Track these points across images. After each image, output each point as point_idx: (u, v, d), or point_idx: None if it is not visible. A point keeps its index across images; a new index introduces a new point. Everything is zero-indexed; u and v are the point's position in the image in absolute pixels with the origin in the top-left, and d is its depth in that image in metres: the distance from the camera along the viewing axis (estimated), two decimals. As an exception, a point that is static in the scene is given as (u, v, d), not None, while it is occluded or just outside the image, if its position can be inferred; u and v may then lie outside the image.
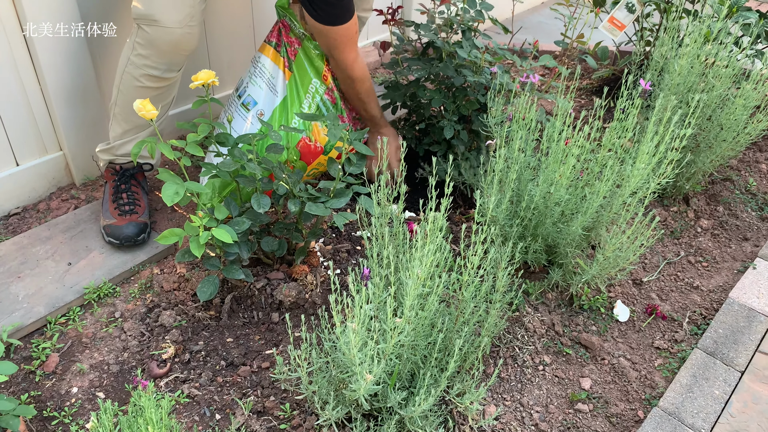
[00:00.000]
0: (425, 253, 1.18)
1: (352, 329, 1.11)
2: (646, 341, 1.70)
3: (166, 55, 1.69)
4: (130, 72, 1.72)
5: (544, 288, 1.80)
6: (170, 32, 1.64)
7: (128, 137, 1.85)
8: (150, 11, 1.61)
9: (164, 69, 1.72)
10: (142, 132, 1.85)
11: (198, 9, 1.67)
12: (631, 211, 1.60)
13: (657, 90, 2.16)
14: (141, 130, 1.85)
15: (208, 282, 1.58)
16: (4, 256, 1.77)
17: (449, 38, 2.08)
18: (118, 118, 1.83)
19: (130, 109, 1.77)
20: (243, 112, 1.93)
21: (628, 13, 2.35)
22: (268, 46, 1.95)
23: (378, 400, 1.33)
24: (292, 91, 1.93)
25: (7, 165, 1.94)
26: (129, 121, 1.82)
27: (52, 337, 1.58)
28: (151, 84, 1.74)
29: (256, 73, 1.95)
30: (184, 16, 1.64)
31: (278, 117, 1.92)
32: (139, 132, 1.85)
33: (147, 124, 1.84)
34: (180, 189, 1.45)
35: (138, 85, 1.73)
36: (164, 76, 1.74)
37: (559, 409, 1.50)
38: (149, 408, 0.98)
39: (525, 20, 4.04)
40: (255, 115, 1.91)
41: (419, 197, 2.13)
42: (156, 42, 1.66)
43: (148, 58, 1.69)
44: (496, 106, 1.85)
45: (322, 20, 1.75)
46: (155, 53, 1.68)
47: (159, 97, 1.79)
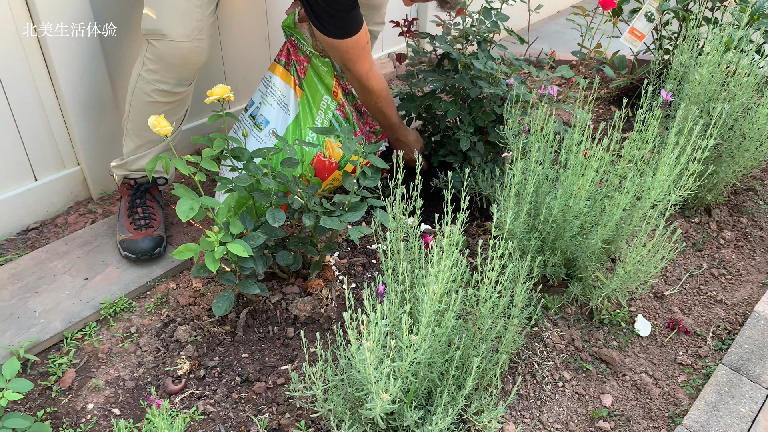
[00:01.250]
0: (441, 269, 1.16)
1: (368, 347, 1.09)
2: (669, 357, 1.66)
3: (176, 69, 1.70)
4: (141, 87, 1.73)
5: (563, 302, 1.77)
6: (178, 46, 1.65)
7: (141, 152, 1.86)
8: (157, 26, 1.62)
9: (174, 83, 1.73)
10: (156, 147, 1.86)
11: (206, 23, 1.68)
12: (651, 224, 1.57)
13: (677, 99, 2.12)
14: (154, 145, 1.86)
15: (223, 297, 1.58)
16: (23, 271, 1.78)
17: (465, 49, 2.06)
18: (131, 134, 1.84)
19: (142, 124, 1.78)
20: (256, 132, 1.93)
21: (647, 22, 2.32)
22: (278, 66, 1.96)
23: (394, 418, 1.31)
24: (304, 109, 1.93)
25: (26, 180, 1.95)
26: (141, 136, 1.83)
27: (69, 353, 1.58)
28: (162, 99, 1.75)
29: (267, 92, 1.95)
30: (191, 30, 1.64)
31: (291, 134, 1.92)
32: (152, 147, 1.86)
33: (160, 139, 1.84)
34: (195, 204, 1.44)
35: (149, 100, 1.74)
36: (175, 90, 1.74)
37: (580, 427, 1.47)
38: (163, 428, 0.97)
39: (541, 30, 4.02)
40: (268, 134, 1.92)
41: (434, 209, 2.12)
42: (165, 56, 1.66)
43: (158, 72, 1.70)
44: (513, 117, 1.83)
45: (330, 34, 1.75)
46: (165, 68, 1.69)
47: (171, 111, 1.80)
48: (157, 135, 1.81)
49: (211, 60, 2.32)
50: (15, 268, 1.78)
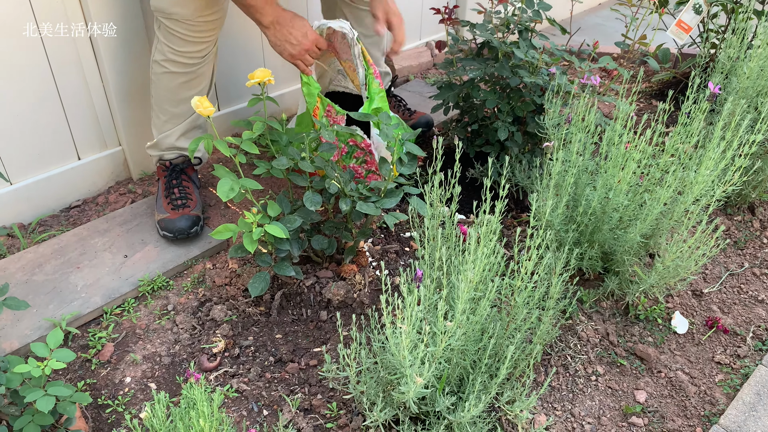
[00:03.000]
0: (478, 257, 1.16)
1: (404, 330, 1.09)
2: (706, 355, 1.63)
3: (186, 44, 1.73)
4: (156, 60, 1.78)
5: (598, 296, 1.75)
6: (184, 24, 1.68)
7: (168, 129, 1.89)
8: (162, 5, 1.65)
9: (187, 57, 1.76)
10: (181, 123, 1.89)
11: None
12: (693, 219, 1.54)
13: (723, 94, 2.07)
14: (180, 120, 1.89)
15: (259, 278, 1.60)
16: (65, 246, 1.83)
17: (505, 38, 2.04)
18: (155, 109, 1.88)
19: (162, 97, 1.82)
20: None
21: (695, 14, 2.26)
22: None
23: (426, 403, 1.31)
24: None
25: (70, 159, 2.00)
26: (164, 110, 1.86)
27: (108, 327, 1.62)
28: (177, 69, 1.78)
29: None
30: (194, 9, 1.66)
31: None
32: (177, 123, 1.89)
33: (183, 113, 1.87)
34: (235, 185, 1.46)
35: (164, 71, 1.78)
36: (189, 62, 1.77)
37: (612, 421, 1.45)
38: (201, 401, 0.99)
39: (582, 21, 3.95)
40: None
41: (469, 199, 2.11)
42: (174, 32, 1.70)
43: (169, 45, 1.73)
44: (554, 107, 1.81)
45: None
46: (175, 42, 1.72)
47: (188, 84, 1.82)
48: (179, 109, 1.84)
49: (249, 44, 2.34)
50: (58, 244, 1.83)
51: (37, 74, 1.81)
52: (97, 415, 1.41)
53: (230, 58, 2.27)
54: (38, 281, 1.70)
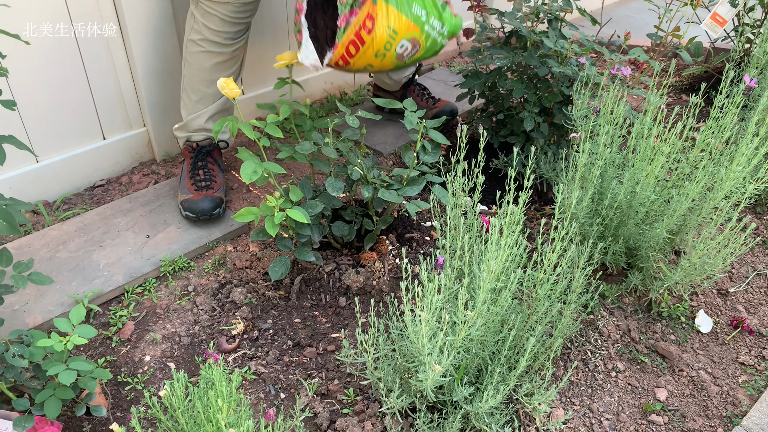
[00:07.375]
0: (501, 247, 1.14)
1: (424, 318, 1.08)
2: (730, 355, 1.60)
3: (224, 24, 1.75)
4: (193, 39, 1.79)
5: (621, 292, 1.72)
6: (224, 4, 1.69)
7: (198, 110, 1.90)
8: None
9: (224, 36, 1.78)
10: (213, 104, 1.90)
11: None
12: (722, 217, 1.50)
13: (757, 89, 2.01)
14: (211, 101, 1.89)
15: (279, 262, 1.60)
16: (89, 225, 1.85)
17: (534, 27, 2.01)
18: (187, 89, 1.88)
19: (197, 78, 1.83)
20: None
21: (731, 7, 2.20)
22: None
23: (443, 393, 1.30)
24: None
25: (95, 138, 2.02)
26: (197, 90, 1.87)
27: (129, 306, 1.63)
28: (213, 49, 1.79)
29: None
30: None
31: None
32: (209, 104, 1.89)
33: (214, 94, 1.88)
34: (258, 168, 1.46)
35: (200, 50, 1.79)
36: (225, 42, 1.79)
37: (631, 418, 1.43)
38: (220, 381, 0.99)
39: (612, 12, 3.89)
40: None
41: (492, 190, 2.09)
42: (210, 11, 1.72)
43: (207, 26, 1.75)
44: (582, 98, 1.78)
45: None
46: (213, 23, 1.74)
47: (223, 65, 1.84)
48: (211, 89, 1.84)
49: (276, 28, 2.33)
50: (82, 222, 1.85)
51: (66, 54, 1.83)
52: (117, 391, 1.43)
53: (256, 42, 2.27)
54: (62, 258, 1.72)
